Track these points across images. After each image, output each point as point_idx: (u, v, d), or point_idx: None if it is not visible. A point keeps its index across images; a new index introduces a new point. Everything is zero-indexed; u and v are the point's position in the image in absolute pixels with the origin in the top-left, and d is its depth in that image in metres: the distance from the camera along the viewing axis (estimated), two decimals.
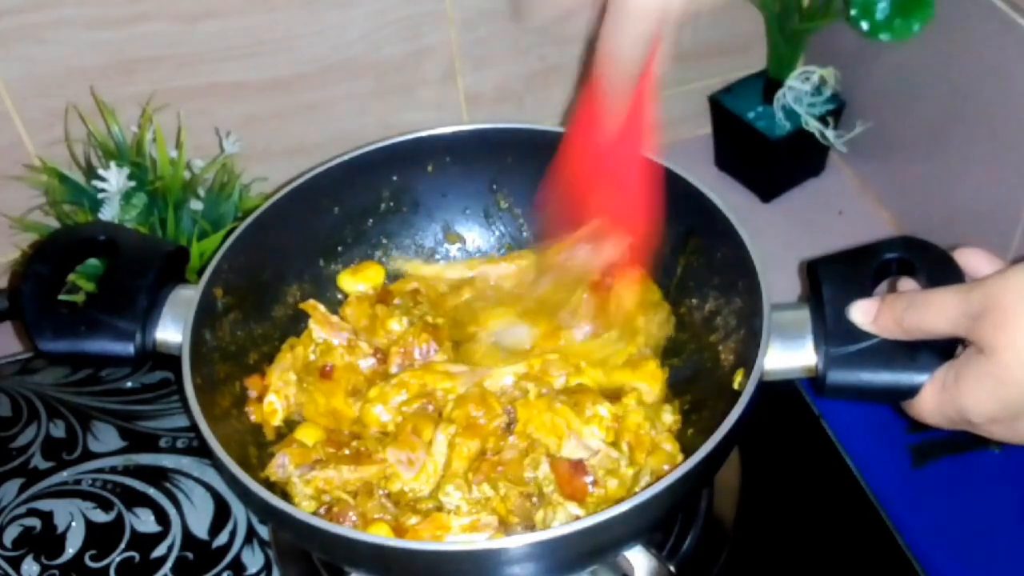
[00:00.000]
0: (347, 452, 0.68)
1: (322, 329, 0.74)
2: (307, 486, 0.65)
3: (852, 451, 0.77)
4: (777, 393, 0.61)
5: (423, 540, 0.61)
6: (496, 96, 0.98)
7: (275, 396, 0.70)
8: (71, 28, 0.83)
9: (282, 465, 0.66)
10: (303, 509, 0.64)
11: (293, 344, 0.74)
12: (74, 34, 0.84)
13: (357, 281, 0.78)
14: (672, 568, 0.67)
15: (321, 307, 0.75)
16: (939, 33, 0.80)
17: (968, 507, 0.74)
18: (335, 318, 0.75)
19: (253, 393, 0.71)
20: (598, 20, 0.56)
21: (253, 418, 0.70)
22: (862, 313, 0.58)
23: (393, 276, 0.80)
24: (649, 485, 0.55)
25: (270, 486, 0.64)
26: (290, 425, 0.71)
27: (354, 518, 0.63)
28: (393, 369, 0.72)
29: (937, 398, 0.55)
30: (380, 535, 0.60)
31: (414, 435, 0.66)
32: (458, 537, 0.62)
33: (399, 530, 0.63)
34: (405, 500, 0.65)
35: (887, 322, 0.56)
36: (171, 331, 0.65)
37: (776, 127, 0.94)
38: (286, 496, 0.65)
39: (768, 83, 0.96)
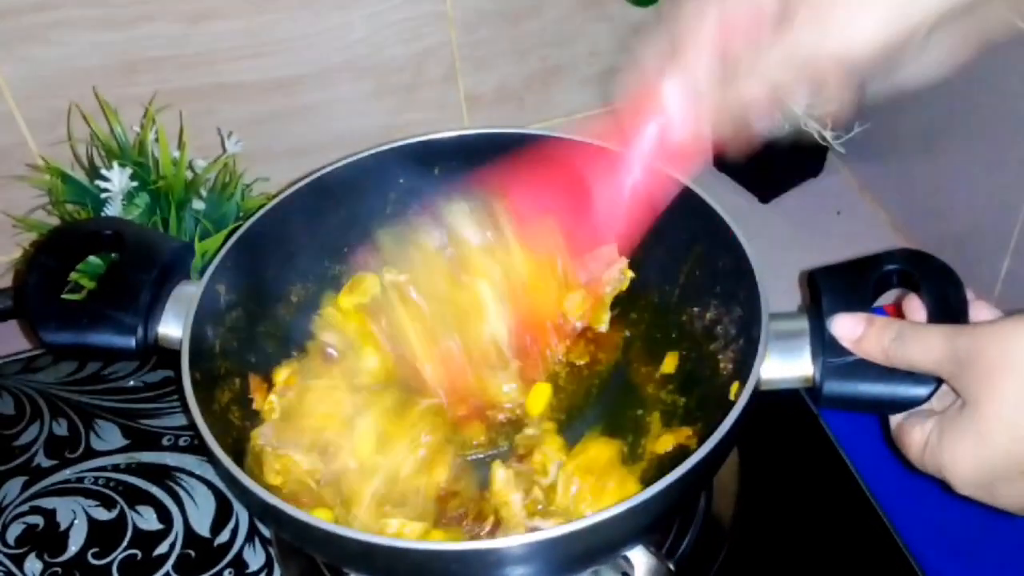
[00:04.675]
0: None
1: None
2: (276, 461, 0.65)
3: (850, 449, 0.77)
4: (776, 392, 0.61)
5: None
6: (497, 97, 0.99)
7: (276, 397, 0.70)
8: (74, 29, 0.84)
9: (265, 435, 0.66)
10: (270, 480, 0.64)
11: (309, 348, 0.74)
12: (77, 35, 0.84)
13: (356, 297, 0.76)
14: (671, 566, 0.67)
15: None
16: None
17: (967, 508, 0.74)
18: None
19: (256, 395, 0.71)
20: None
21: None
22: (845, 329, 0.56)
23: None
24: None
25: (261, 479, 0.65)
26: None
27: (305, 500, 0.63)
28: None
29: (921, 453, 0.53)
30: (381, 536, 0.59)
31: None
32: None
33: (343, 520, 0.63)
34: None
35: (872, 347, 0.55)
36: (173, 326, 0.65)
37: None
38: (259, 465, 0.65)
39: None
